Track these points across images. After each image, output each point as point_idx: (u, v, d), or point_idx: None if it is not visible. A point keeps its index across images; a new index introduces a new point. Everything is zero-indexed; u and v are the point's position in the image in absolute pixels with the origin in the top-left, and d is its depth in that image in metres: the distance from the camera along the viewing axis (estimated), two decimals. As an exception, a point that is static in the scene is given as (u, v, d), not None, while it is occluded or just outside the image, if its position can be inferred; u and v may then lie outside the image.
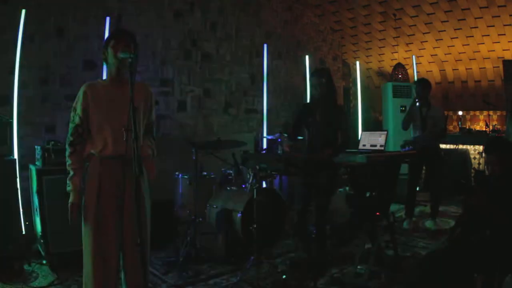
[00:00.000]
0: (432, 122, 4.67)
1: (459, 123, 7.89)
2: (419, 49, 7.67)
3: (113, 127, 2.07)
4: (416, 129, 4.85)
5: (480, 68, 7.42)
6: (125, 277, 2.11)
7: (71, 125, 2.12)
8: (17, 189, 3.55)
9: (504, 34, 6.40)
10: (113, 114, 2.08)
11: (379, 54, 8.40)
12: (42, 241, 3.36)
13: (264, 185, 4.57)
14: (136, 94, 1.91)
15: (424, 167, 5.03)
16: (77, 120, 2.10)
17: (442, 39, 7.09)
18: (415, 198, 4.96)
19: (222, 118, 5.82)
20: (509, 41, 6.53)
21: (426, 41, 7.34)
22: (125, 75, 2.13)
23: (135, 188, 1.80)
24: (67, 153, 2.11)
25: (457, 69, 7.74)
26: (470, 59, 7.35)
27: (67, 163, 2.11)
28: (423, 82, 4.88)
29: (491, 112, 7.03)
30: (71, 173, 2.10)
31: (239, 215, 3.54)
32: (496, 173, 2.51)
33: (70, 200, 2.10)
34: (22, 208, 3.66)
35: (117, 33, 2.22)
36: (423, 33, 7.12)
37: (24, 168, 3.79)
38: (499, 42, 6.64)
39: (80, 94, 2.11)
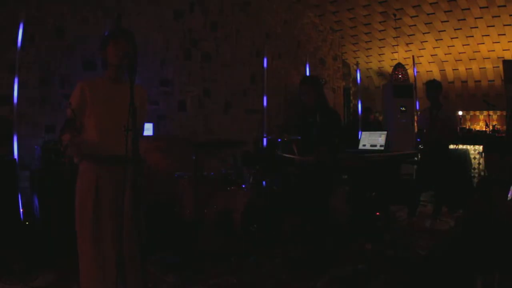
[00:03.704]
0: (441, 124, 4.65)
1: (459, 123, 7.90)
2: (419, 49, 7.68)
3: (113, 127, 2.05)
4: (425, 130, 4.84)
5: (480, 68, 7.43)
6: (126, 283, 2.05)
7: (66, 120, 2.00)
8: (17, 189, 3.55)
9: (504, 34, 6.41)
10: (113, 113, 2.06)
11: (379, 54, 8.41)
12: (42, 241, 3.36)
13: (264, 185, 4.57)
14: (135, 96, 1.86)
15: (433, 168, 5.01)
16: (69, 113, 1.99)
17: (442, 39, 7.10)
18: (420, 198, 4.96)
19: (222, 118, 5.82)
20: (509, 41, 6.53)
21: (426, 41, 7.35)
22: (123, 75, 2.12)
23: (134, 190, 1.78)
24: (59, 138, 1.93)
25: (457, 69, 7.75)
26: (470, 59, 7.36)
27: (62, 141, 1.91)
28: (433, 84, 4.87)
29: (491, 112, 7.04)
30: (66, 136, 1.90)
31: (239, 215, 3.54)
32: (495, 172, 2.54)
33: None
34: (22, 208, 3.66)
35: (115, 33, 2.21)
36: (423, 33, 7.13)
37: (24, 168, 3.79)
38: (499, 42, 6.65)
39: (77, 89, 2.04)
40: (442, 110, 4.72)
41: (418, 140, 4.92)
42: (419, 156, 4.92)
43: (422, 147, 4.79)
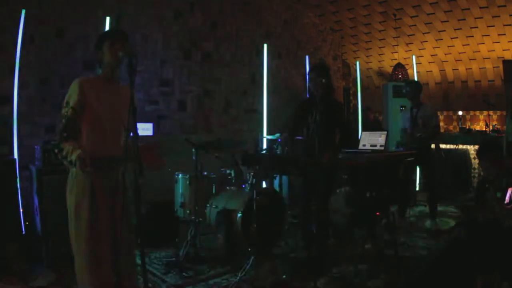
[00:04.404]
0: (422, 122, 4.72)
1: (459, 123, 7.89)
2: (419, 49, 7.68)
3: (111, 127, 2.04)
4: (405, 129, 4.89)
5: (480, 68, 7.42)
6: (122, 284, 2.05)
7: (63, 121, 1.99)
8: (17, 189, 3.55)
9: (504, 34, 6.40)
10: (111, 113, 2.06)
11: (379, 54, 8.40)
12: (42, 241, 3.35)
13: (264, 185, 4.57)
14: (127, 96, 1.86)
15: (420, 168, 5.07)
16: (70, 113, 1.97)
17: (442, 39, 7.09)
18: (408, 198, 5.00)
19: (222, 118, 5.82)
20: (509, 41, 6.53)
21: (426, 41, 7.35)
22: (118, 75, 2.12)
23: (134, 190, 1.78)
24: (59, 144, 1.93)
25: (457, 69, 7.74)
26: (470, 59, 7.35)
27: (62, 150, 1.90)
28: (411, 84, 5.04)
29: (491, 112, 7.04)
30: (70, 148, 1.89)
31: (239, 215, 3.54)
32: (491, 175, 2.56)
33: (77, 153, 1.85)
34: (22, 208, 3.66)
35: (112, 33, 2.20)
36: (423, 33, 7.12)
37: (24, 168, 3.79)
38: (499, 42, 6.64)
39: (75, 87, 2.00)
40: (422, 109, 4.79)
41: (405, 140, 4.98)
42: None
43: (401, 145, 4.86)
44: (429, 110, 4.96)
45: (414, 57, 7.71)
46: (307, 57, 7.16)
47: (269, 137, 5.44)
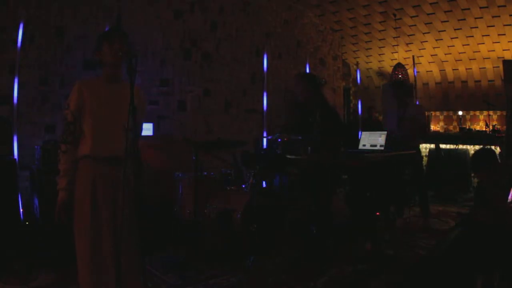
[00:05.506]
0: (409, 122, 4.71)
1: (459, 123, 7.89)
2: (419, 49, 7.68)
3: (111, 127, 2.04)
4: (393, 130, 4.87)
5: (480, 68, 7.42)
6: (123, 283, 2.04)
7: (64, 123, 2.05)
8: (17, 189, 3.55)
9: (504, 34, 6.40)
10: (111, 113, 2.06)
11: (379, 54, 8.40)
12: (41, 241, 3.36)
13: (264, 185, 4.57)
14: (129, 95, 1.85)
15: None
16: (69, 117, 2.02)
17: (442, 39, 7.10)
18: (406, 198, 5.01)
19: (222, 118, 5.81)
20: (509, 41, 6.53)
21: (426, 41, 7.35)
22: (121, 74, 2.12)
23: (134, 190, 1.78)
24: (59, 152, 2.04)
25: (457, 69, 7.75)
26: (470, 59, 7.36)
27: (59, 163, 2.03)
28: (396, 84, 5.12)
29: (491, 112, 7.04)
30: (61, 173, 2.03)
31: (239, 215, 3.54)
32: (486, 182, 2.58)
33: (58, 198, 2.01)
34: (22, 208, 3.66)
35: (111, 33, 2.20)
36: (423, 33, 7.12)
37: (24, 168, 3.79)
38: (499, 42, 6.65)
39: (74, 91, 2.04)
40: (408, 109, 4.79)
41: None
42: None
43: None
44: (416, 110, 4.98)
45: (414, 57, 7.71)
46: (307, 57, 7.15)
47: (269, 137, 5.44)
